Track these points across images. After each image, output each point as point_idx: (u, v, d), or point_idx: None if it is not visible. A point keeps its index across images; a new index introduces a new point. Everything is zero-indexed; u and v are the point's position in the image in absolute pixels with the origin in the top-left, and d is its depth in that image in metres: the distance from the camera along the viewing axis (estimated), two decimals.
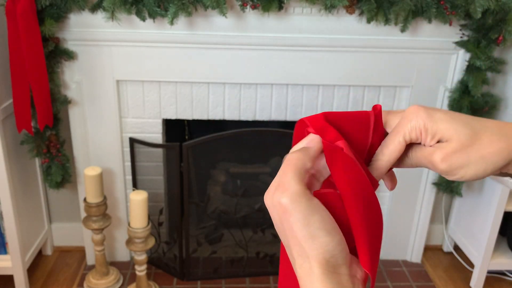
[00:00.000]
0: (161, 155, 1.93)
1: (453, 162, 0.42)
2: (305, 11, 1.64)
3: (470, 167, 0.42)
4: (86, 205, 1.76)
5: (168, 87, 1.78)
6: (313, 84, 1.79)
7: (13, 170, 1.70)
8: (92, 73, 1.72)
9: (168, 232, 2.09)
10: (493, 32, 1.60)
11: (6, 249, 1.79)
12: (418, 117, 0.43)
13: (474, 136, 0.42)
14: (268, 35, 1.67)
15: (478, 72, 1.69)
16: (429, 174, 1.95)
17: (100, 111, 1.78)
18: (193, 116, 1.84)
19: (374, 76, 1.78)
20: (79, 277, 1.95)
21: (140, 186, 1.94)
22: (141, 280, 1.79)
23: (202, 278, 1.96)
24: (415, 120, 0.43)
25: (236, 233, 2.00)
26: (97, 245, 1.83)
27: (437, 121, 0.43)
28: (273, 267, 2.02)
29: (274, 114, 1.85)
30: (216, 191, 2.12)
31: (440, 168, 0.43)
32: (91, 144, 1.83)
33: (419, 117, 0.43)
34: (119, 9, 1.51)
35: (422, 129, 0.43)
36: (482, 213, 1.91)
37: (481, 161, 0.42)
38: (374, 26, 1.67)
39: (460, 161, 0.42)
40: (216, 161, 2.19)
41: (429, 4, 1.57)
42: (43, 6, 1.52)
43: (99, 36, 1.65)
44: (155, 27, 1.63)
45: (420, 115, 0.43)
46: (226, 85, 1.79)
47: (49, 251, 2.09)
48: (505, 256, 1.99)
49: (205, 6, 1.52)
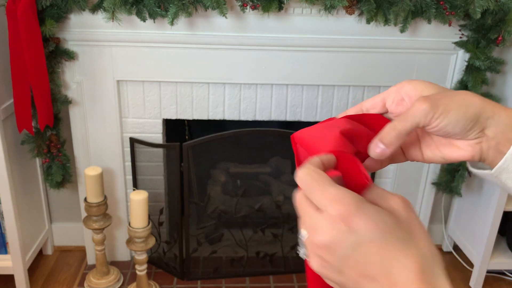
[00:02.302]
0: (162, 155, 1.93)
1: (436, 101, 0.44)
2: (305, 12, 1.64)
3: (451, 105, 0.44)
4: (86, 205, 1.76)
5: (169, 87, 1.79)
6: (313, 84, 1.80)
7: (14, 170, 1.70)
8: (93, 73, 1.72)
9: (168, 231, 2.09)
10: (493, 32, 1.61)
11: (6, 249, 1.79)
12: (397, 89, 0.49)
13: (446, 89, 0.47)
14: (268, 36, 1.68)
15: (477, 72, 1.69)
16: (429, 174, 1.95)
17: (100, 111, 1.78)
18: (193, 116, 1.84)
19: (374, 76, 1.78)
20: (79, 277, 1.95)
21: (141, 186, 1.94)
22: (141, 280, 1.79)
23: (202, 277, 1.96)
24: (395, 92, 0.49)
25: (236, 233, 2.00)
26: (97, 245, 1.83)
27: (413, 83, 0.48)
28: (273, 266, 2.02)
29: (274, 114, 1.86)
30: (216, 191, 2.13)
31: (424, 107, 0.44)
32: (91, 144, 1.83)
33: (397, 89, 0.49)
34: (119, 9, 1.51)
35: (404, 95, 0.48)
36: (482, 213, 1.92)
37: (461, 103, 0.44)
38: (374, 27, 1.67)
39: (442, 101, 0.44)
40: (216, 161, 2.19)
41: (428, 4, 1.58)
42: (43, 6, 1.52)
43: (99, 37, 1.65)
44: (155, 27, 1.64)
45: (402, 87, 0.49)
46: (226, 85, 1.79)
47: (49, 250, 2.09)
48: (504, 256, 2.00)
49: (205, 6, 1.53)
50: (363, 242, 0.36)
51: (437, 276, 0.35)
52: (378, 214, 0.37)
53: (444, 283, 0.35)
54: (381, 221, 0.36)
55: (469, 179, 1.94)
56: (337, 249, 0.37)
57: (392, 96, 0.49)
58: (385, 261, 0.35)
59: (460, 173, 1.84)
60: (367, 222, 0.36)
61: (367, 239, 0.36)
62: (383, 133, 0.45)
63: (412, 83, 0.48)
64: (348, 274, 0.37)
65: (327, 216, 0.37)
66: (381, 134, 0.45)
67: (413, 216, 0.39)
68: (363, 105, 0.50)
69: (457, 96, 0.45)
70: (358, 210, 0.37)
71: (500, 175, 0.45)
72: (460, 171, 1.84)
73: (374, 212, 0.37)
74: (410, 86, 0.48)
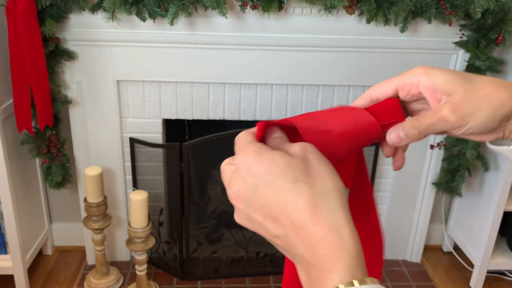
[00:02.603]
0: (161, 155, 1.93)
1: (463, 111, 0.43)
2: (305, 12, 1.64)
3: (479, 114, 0.43)
4: (86, 205, 1.76)
5: (168, 87, 1.79)
6: (313, 84, 1.79)
7: (14, 170, 1.70)
8: (93, 73, 1.72)
9: (168, 232, 2.09)
10: (493, 32, 1.60)
11: (6, 249, 1.79)
12: (414, 75, 0.48)
13: (470, 81, 0.44)
14: (268, 36, 1.68)
15: (477, 72, 1.69)
16: (429, 174, 1.95)
17: (100, 111, 1.78)
18: (193, 116, 1.84)
19: (374, 76, 1.78)
20: (79, 277, 1.95)
21: (140, 186, 1.94)
22: (141, 280, 1.79)
23: (202, 278, 1.96)
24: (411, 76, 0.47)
25: (236, 233, 2.00)
26: (97, 245, 1.83)
27: (431, 76, 0.46)
28: (273, 266, 2.02)
29: (274, 114, 1.86)
30: (216, 191, 2.13)
31: (451, 119, 0.43)
32: (91, 144, 1.83)
33: (415, 74, 0.48)
34: (119, 9, 1.51)
35: (421, 87, 0.46)
36: (482, 213, 1.92)
37: (488, 106, 0.43)
38: (374, 27, 1.67)
39: (469, 109, 0.43)
40: (216, 161, 2.19)
41: (428, 4, 1.58)
42: (43, 6, 1.52)
43: (99, 36, 1.65)
44: (155, 27, 1.64)
45: (417, 72, 0.48)
46: (226, 85, 1.79)
47: (49, 251, 2.09)
48: (504, 256, 2.00)
49: (205, 6, 1.52)
50: (259, 185, 0.38)
51: (334, 212, 0.36)
52: (272, 157, 0.38)
53: (340, 217, 0.36)
54: (274, 163, 0.38)
55: (469, 179, 1.94)
56: (243, 195, 0.39)
57: (408, 88, 0.48)
58: (280, 202, 0.37)
59: (460, 173, 1.84)
60: (261, 165, 0.38)
61: (262, 181, 0.38)
62: (406, 126, 0.46)
63: (430, 77, 0.46)
64: (255, 218, 0.38)
65: (235, 168, 0.40)
66: (404, 126, 0.46)
67: (311, 156, 0.39)
68: (373, 95, 0.49)
69: (484, 94, 0.43)
70: (255, 156, 0.39)
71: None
72: (460, 171, 1.84)
73: (268, 155, 0.39)
74: (429, 82, 0.46)
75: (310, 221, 0.35)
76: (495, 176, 1.84)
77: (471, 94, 0.44)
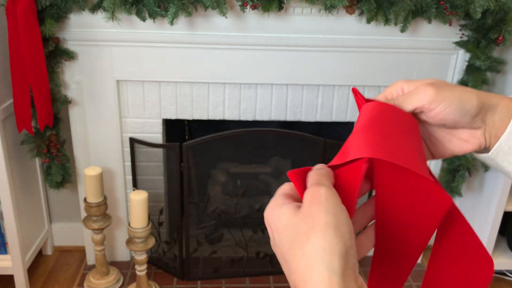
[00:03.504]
0: (161, 155, 1.93)
1: (440, 88, 0.46)
2: (305, 11, 1.64)
3: (453, 97, 0.46)
4: (86, 205, 1.76)
5: (168, 87, 1.79)
6: (313, 84, 1.79)
7: (13, 170, 1.70)
8: (92, 73, 1.72)
9: (168, 232, 2.09)
10: (493, 32, 1.60)
11: (6, 249, 1.79)
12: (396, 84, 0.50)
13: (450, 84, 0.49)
14: (268, 35, 1.67)
15: (478, 72, 1.69)
16: None
17: (100, 111, 1.78)
18: (193, 116, 1.84)
19: (374, 76, 1.78)
20: (79, 277, 1.95)
21: (140, 186, 1.94)
22: (141, 280, 1.79)
23: (202, 278, 1.96)
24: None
25: (236, 233, 2.00)
26: (97, 245, 1.83)
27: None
28: (273, 267, 2.02)
29: (274, 114, 1.86)
30: (216, 191, 2.13)
31: (430, 90, 0.46)
32: (91, 144, 1.83)
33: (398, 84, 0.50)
34: (119, 9, 1.51)
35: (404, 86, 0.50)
36: (482, 213, 1.92)
37: (461, 96, 0.46)
38: (374, 26, 1.67)
39: (446, 90, 0.46)
40: (216, 161, 2.19)
41: (429, 4, 1.58)
42: (43, 6, 1.52)
43: (99, 36, 1.65)
44: (155, 27, 1.64)
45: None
46: (226, 85, 1.79)
47: (49, 251, 2.09)
48: (504, 256, 2.00)
49: (205, 6, 1.52)
50: (275, 245, 0.42)
51: (318, 275, 0.37)
52: (278, 214, 0.41)
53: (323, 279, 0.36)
54: (278, 221, 0.40)
55: (469, 179, 1.94)
56: (277, 246, 0.42)
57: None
58: (281, 261, 0.41)
59: (460, 173, 1.84)
60: (274, 223, 0.41)
61: (274, 236, 0.41)
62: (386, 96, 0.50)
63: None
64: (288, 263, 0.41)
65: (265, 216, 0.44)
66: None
67: (315, 208, 0.39)
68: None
69: (456, 90, 0.47)
70: (270, 212, 0.42)
71: (497, 158, 0.48)
72: (460, 171, 1.84)
73: (277, 213, 0.41)
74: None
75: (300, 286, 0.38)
76: (495, 176, 1.84)
77: (446, 87, 0.48)
